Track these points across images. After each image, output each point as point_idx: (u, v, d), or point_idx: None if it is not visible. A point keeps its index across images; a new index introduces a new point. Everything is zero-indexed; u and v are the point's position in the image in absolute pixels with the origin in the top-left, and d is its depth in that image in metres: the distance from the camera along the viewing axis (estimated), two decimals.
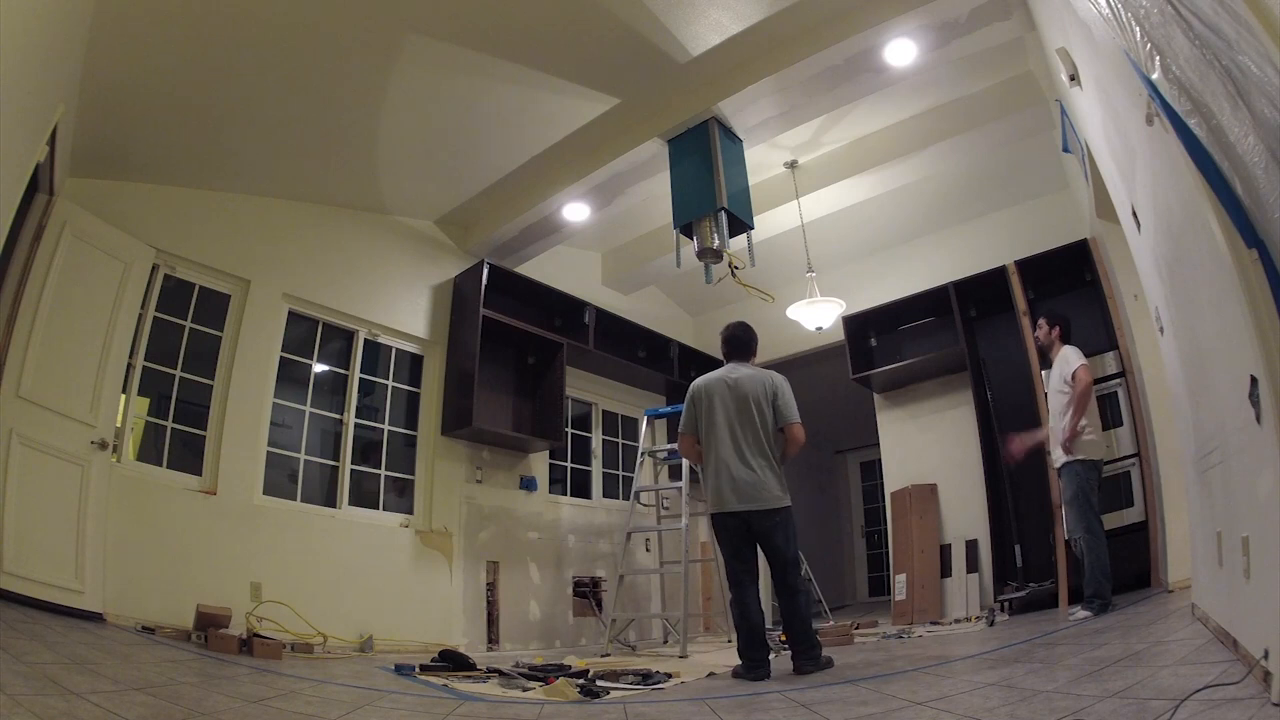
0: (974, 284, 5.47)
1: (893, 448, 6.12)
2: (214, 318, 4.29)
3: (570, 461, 6.24)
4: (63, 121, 3.16)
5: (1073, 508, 3.79)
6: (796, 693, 2.50)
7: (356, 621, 4.23)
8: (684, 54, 4.07)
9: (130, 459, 3.84)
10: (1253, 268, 1.39)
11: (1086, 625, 3.25)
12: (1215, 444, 2.04)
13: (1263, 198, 1.31)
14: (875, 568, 9.32)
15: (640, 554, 6.00)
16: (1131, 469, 4.37)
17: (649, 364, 6.53)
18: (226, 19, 3.30)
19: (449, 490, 5.10)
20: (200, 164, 4.20)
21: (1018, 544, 4.88)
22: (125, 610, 3.37)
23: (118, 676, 2.24)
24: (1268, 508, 1.48)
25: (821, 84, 4.19)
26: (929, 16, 3.73)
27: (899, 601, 5.39)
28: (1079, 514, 3.76)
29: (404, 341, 5.29)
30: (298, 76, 3.81)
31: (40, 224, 3.37)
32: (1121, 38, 1.75)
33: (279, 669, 3.05)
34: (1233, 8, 1.29)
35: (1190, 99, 1.46)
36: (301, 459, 4.55)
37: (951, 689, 2.22)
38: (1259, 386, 1.40)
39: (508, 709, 2.48)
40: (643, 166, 4.83)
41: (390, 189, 5.07)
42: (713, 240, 4.27)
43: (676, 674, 3.26)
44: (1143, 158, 2.19)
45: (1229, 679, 1.59)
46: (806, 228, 5.53)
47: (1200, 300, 1.90)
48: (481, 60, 3.94)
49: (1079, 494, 3.76)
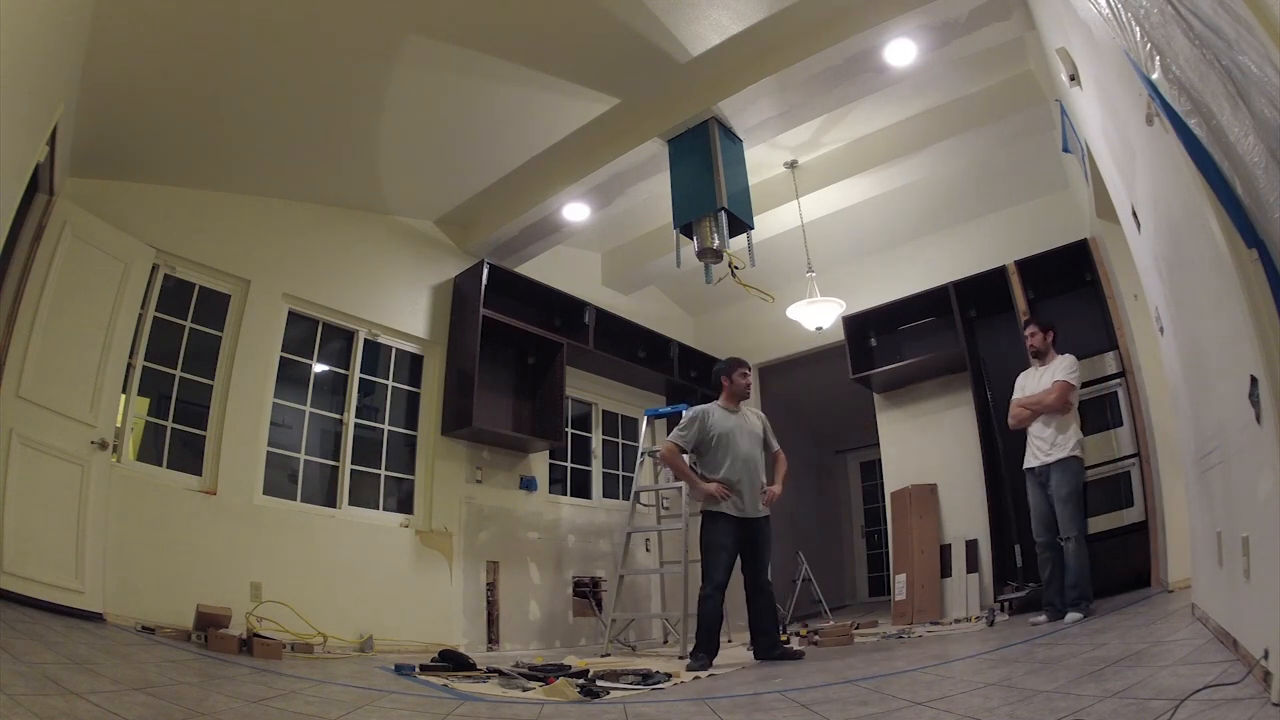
0: (974, 284, 5.46)
1: (893, 448, 6.12)
2: (214, 318, 4.29)
3: (570, 461, 6.24)
4: (63, 121, 3.16)
5: (1069, 505, 3.68)
6: (797, 693, 2.50)
7: (356, 621, 4.23)
8: (684, 54, 4.07)
9: (130, 459, 3.84)
10: (1253, 268, 1.39)
11: (1086, 625, 3.25)
12: (1215, 444, 2.04)
13: (1263, 198, 1.31)
14: (875, 568, 9.31)
15: (640, 554, 6.00)
16: (1131, 469, 4.36)
17: (649, 364, 6.53)
18: (227, 19, 3.30)
19: (449, 490, 5.10)
20: (200, 164, 4.20)
21: (1018, 544, 4.88)
22: (125, 610, 3.37)
23: (118, 676, 2.24)
24: (1268, 508, 1.48)
25: (821, 84, 4.19)
26: (929, 16, 3.73)
27: (899, 601, 5.39)
28: (1075, 513, 3.67)
29: (404, 341, 5.29)
30: (298, 76, 3.81)
31: (40, 224, 3.37)
32: (1121, 38, 1.74)
33: (279, 669, 3.05)
34: (1233, 8, 1.28)
35: (1190, 99, 1.46)
36: (301, 459, 4.55)
37: (951, 689, 2.22)
38: (1259, 386, 1.40)
39: (508, 709, 2.48)
40: (643, 166, 4.83)
41: (390, 189, 5.07)
42: (713, 240, 4.27)
43: (676, 674, 3.26)
44: (1143, 158, 2.19)
45: (1229, 679, 1.59)
46: (806, 228, 5.53)
47: (1200, 300, 1.90)
48: (482, 60, 3.94)
49: (1075, 492, 3.69)
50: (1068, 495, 3.69)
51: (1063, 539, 3.69)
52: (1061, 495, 3.71)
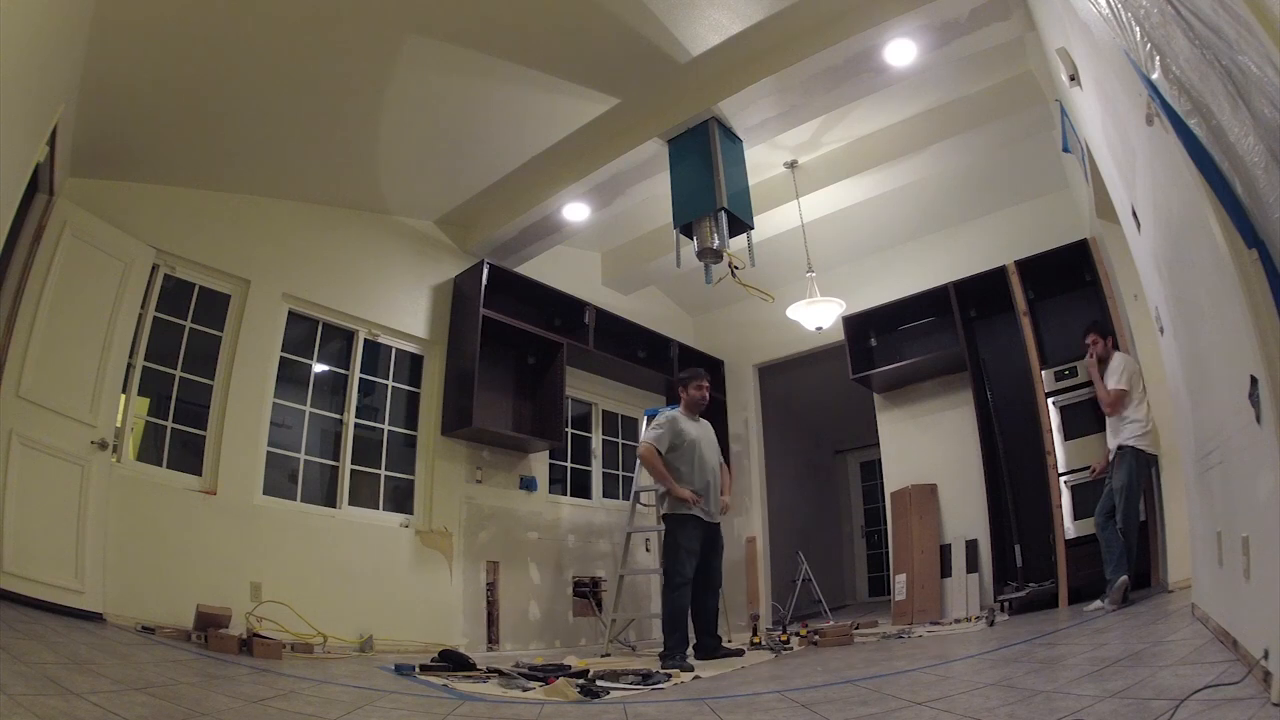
0: (974, 284, 5.46)
1: (893, 448, 6.12)
2: (214, 318, 4.29)
3: (570, 461, 6.24)
4: (63, 121, 3.16)
5: (1122, 496, 3.84)
6: (796, 693, 2.50)
7: (356, 621, 4.23)
8: (684, 54, 4.07)
9: (130, 459, 3.84)
10: (1253, 268, 1.39)
11: (1087, 625, 3.25)
12: (1215, 444, 2.04)
13: (1263, 198, 1.31)
14: (875, 568, 9.31)
15: (640, 554, 6.00)
16: None
17: (649, 364, 6.53)
18: (227, 19, 3.30)
19: (449, 490, 5.10)
20: (200, 164, 4.20)
21: (1018, 544, 4.89)
22: (125, 610, 3.37)
23: (118, 676, 2.24)
24: (1268, 508, 1.48)
25: (821, 84, 4.19)
26: (929, 16, 3.73)
27: (899, 601, 5.39)
28: (1130, 503, 3.83)
29: (404, 341, 5.29)
30: (298, 76, 3.81)
31: (40, 224, 3.37)
32: (1121, 38, 1.75)
33: (279, 669, 3.05)
34: (1233, 8, 1.28)
35: (1190, 99, 1.46)
36: (301, 459, 4.55)
37: (951, 689, 2.22)
38: (1259, 386, 1.40)
39: (508, 709, 2.48)
40: (643, 166, 4.83)
41: (390, 189, 5.07)
42: (713, 240, 4.26)
43: (676, 674, 3.26)
44: (1143, 158, 2.19)
45: (1229, 679, 1.59)
46: (806, 228, 5.53)
47: (1200, 300, 1.90)
48: (482, 60, 3.94)
49: (1132, 483, 3.84)
50: (1121, 485, 3.89)
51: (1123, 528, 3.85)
52: (1114, 484, 3.94)
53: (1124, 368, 4.06)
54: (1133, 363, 4.09)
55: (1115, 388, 4.04)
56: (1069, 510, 4.49)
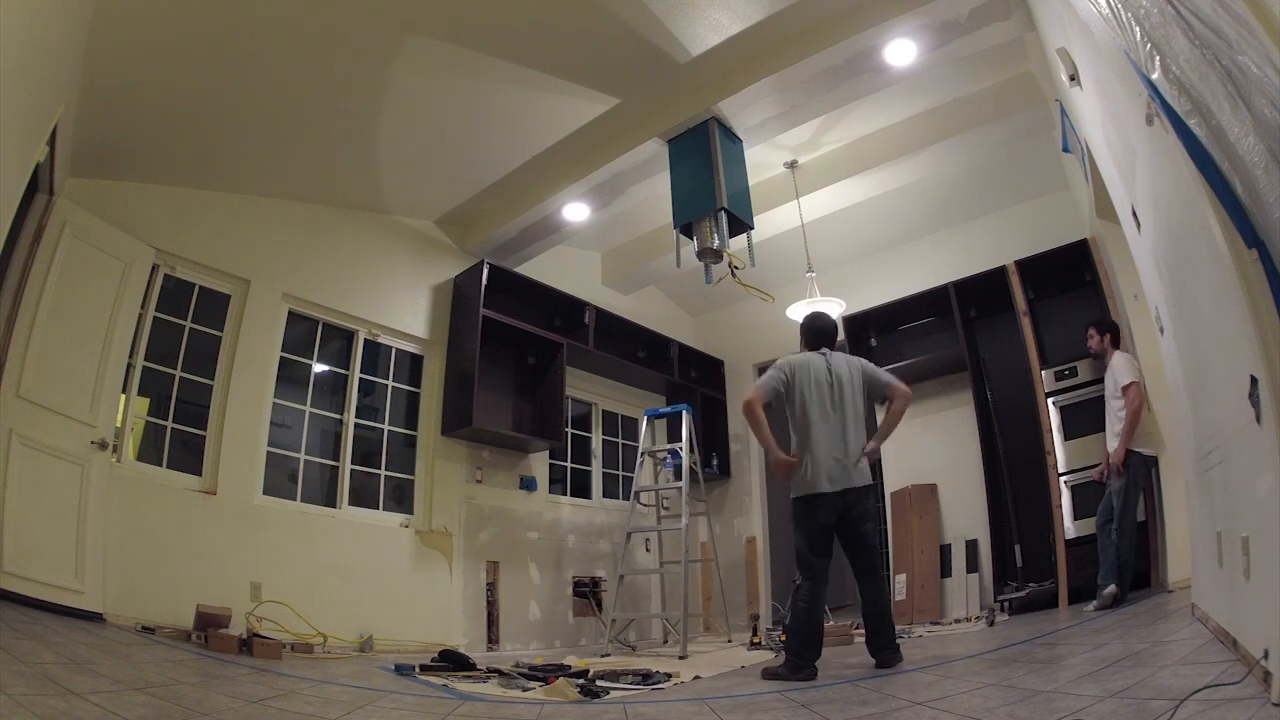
0: (974, 284, 5.46)
1: (892, 447, 6.10)
2: (214, 318, 4.29)
3: (570, 461, 6.24)
4: (63, 121, 3.16)
5: (1120, 499, 3.83)
6: (796, 693, 2.50)
7: (356, 621, 4.23)
8: (684, 54, 4.07)
9: (130, 459, 3.84)
10: (1253, 268, 1.39)
11: (1086, 625, 3.25)
12: (1215, 444, 2.04)
13: (1263, 198, 1.30)
14: None
15: (640, 554, 6.00)
16: None
17: (649, 364, 6.52)
18: (226, 19, 3.29)
19: (449, 490, 5.10)
20: (200, 164, 4.20)
21: (1018, 544, 4.89)
22: (125, 610, 3.37)
23: (118, 676, 2.24)
24: (1268, 508, 1.48)
25: (821, 84, 4.19)
26: (929, 16, 3.73)
27: (899, 601, 5.38)
28: (1128, 507, 3.82)
29: (404, 341, 5.29)
30: (298, 76, 3.81)
31: (40, 224, 3.37)
32: (1121, 38, 1.74)
33: (279, 669, 3.05)
34: (1233, 8, 1.28)
35: (1190, 99, 1.46)
36: (301, 459, 4.54)
37: (951, 689, 2.22)
38: (1259, 386, 1.40)
39: (508, 709, 2.48)
40: (643, 166, 4.83)
41: (390, 189, 5.07)
42: (713, 240, 4.27)
43: (676, 674, 3.26)
44: (1143, 158, 2.19)
45: (1229, 679, 1.59)
46: (806, 228, 5.53)
47: (1200, 300, 1.90)
48: (481, 60, 3.94)
49: (1130, 485, 3.82)
50: (1119, 488, 3.87)
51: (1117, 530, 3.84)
52: (1113, 488, 3.91)
53: (1128, 363, 4.01)
54: (1134, 360, 4.07)
55: (1126, 383, 3.92)
56: (1069, 510, 4.48)
